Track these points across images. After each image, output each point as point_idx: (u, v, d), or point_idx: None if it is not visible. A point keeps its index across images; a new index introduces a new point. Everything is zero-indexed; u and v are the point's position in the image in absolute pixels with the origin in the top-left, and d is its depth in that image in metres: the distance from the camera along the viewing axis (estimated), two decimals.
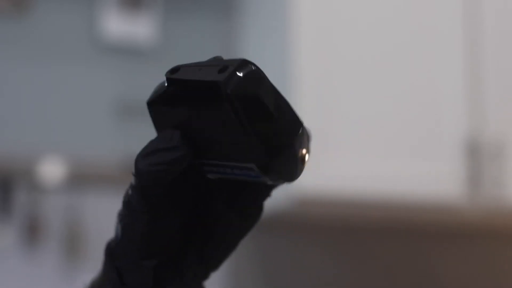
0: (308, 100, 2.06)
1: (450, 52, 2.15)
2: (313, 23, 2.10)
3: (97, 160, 2.28)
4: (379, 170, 2.07)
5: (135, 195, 0.59)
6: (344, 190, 2.05)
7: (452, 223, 2.38)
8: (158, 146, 0.58)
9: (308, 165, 0.59)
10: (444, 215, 2.24)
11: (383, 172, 2.07)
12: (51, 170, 2.22)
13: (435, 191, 2.09)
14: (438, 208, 2.13)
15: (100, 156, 2.29)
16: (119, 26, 2.36)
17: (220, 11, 2.45)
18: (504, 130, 2.15)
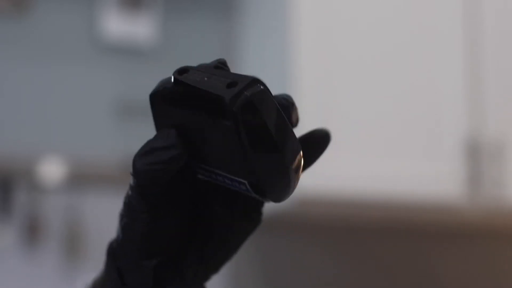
0: (308, 100, 2.06)
1: (450, 52, 2.15)
2: (313, 23, 2.10)
3: (97, 160, 2.28)
4: (379, 170, 2.07)
5: (134, 195, 0.59)
6: (344, 190, 2.05)
7: (452, 223, 2.38)
8: (154, 145, 0.58)
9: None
10: (444, 215, 2.24)
11: (383, 172, 2.07)
12: (51, 170, 2.22)
13: (435, 191, 2.09)
14: (438, 208, 2.13)
15: (100, 156, 2.29)
16: (119, 26, 2.36)
17: (220, 11, 2.45)
18: (504, 130, 2.15)
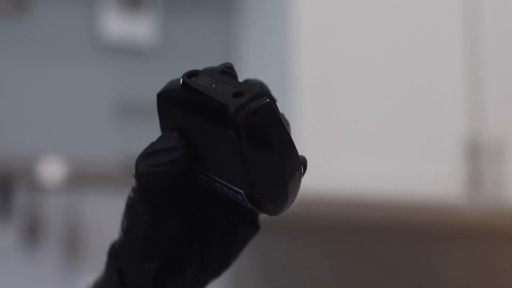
0: (308, 100, 2.06)
1: (450, 52, 2.15)
2: (313, 23, 2.10)
3: (97, 160, 2.28)
4: (379, 170, 2.07)
5: (136, 197, 0.59)
6: (344, 190, 2.05)
7: (452, 223, 2.38)
8: (157, 147, 0.58)
9: (308, 165, 0.59)
10: (444, 215, 2.24)
11: (383, 172, 2.07)
12: (51, 170, 2.22)
13: (435, 191, 2.09)
14: (438, 208, 2.13)
15: (100, 156, 2.29)
16: (119, 26, 2.36)
17: (220, 11, 2.45)
18: (504, 130, 2.15)
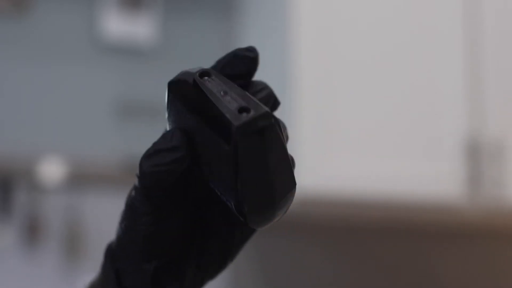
0: (308, 100, 2.06)
1: (450, 52, 2.15)
2: (313, 23, 2.10)
3: (97, 160, 2.28)
4: (379, 170, 2.07)
5: (138, 196, 0.59)
6: (344, 190, 2.05)
7: (452, 223, 2.38)
8: (159, 146, 0.58)
9: (308, 165, 0.59)
10: (444, 215, 2.24)
11: (383, 172, 2.07)
12: (51, 170, 2.22)
13: (435, 191, 2.09)
14: (438, 208, 2.13)
15: (100, 156, 2.29)
16: (119, 26, 2.36)
17: (220, 11, 2.45)
18: (504, 130, 2.15)
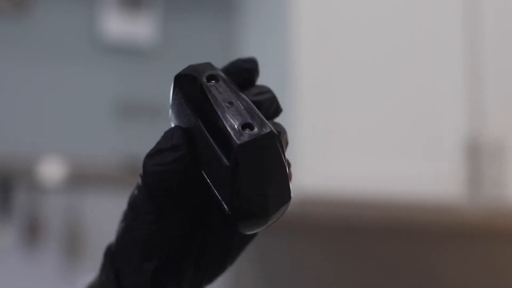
0: (308, 100, 2.06)
1: (450, 52, 2.15)
2: (313, 23, 2.10)
3: (97, 160, 2.28)
4: (379, 170, 2.07)
5: (141, 195, 0.59)
6: (344, 190, 2.05)
7: (452, 223, 2.38)
8: (161, 146, 0.58)
9: (308, 165, 0.59)
10: (444, 215, 2.24)
11: (383, 172, 2.07)
12: (51, 170, 2.22)
13: (435, 191, 2.09)
14: (438, 208, 2.13)
15: (100, 156, 2.29)
16: (119, 26, 2.36)
17: (220, 11, 2.45)
18: (504, 130, 2.15)
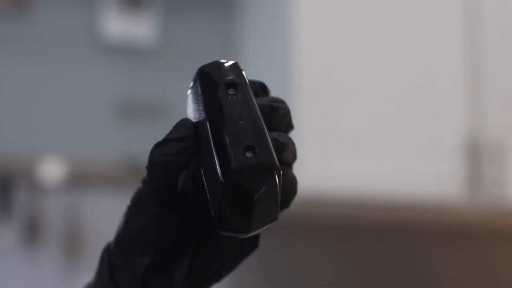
0: (308, 100, 2.06)
1: (450, 52, 2.15)
2: (313, 23, 2.10)
3: (97, 160, 2.28)
4: (379, 170, 2.07)
5: (145, 189, 0.59)
6: (344, 190, 2.05)
7: (452, 223, 2.38)
8: (169, 136, 0.58)
9: (308, 165, 0.59)
10: (444, 215, 2.24)
11: (383, 172, 2.07)
12: (51, 170, 2.22)
13: (435, 191, 2.09)
14: (438, 208, 2.13)
15: (100, 156, 2.29)
16: (119, 26, 2.36)
17: (220, 11, 2.45)
18: (504, 130, 2.15)
